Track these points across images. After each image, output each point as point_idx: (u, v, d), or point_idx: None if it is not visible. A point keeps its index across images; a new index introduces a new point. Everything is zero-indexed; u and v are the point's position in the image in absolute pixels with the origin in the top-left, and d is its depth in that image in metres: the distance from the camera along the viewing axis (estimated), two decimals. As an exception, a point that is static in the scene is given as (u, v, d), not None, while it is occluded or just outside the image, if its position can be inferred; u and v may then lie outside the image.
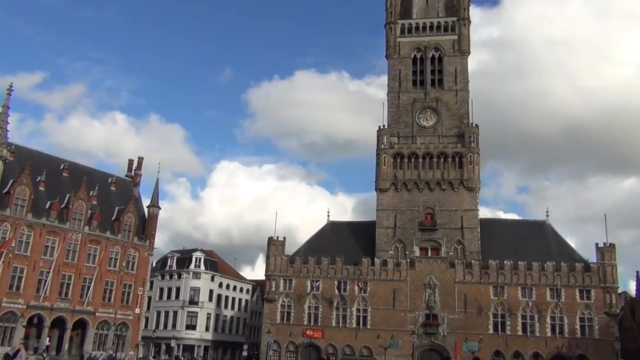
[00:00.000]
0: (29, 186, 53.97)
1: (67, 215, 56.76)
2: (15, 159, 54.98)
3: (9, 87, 53.92)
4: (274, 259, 65.34)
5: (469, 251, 63.31)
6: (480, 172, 66.07)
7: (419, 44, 71.79)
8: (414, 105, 69.59)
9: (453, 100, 69.17)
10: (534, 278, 59.67)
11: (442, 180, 65.84)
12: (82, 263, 57.45)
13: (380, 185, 67.06)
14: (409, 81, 70.93)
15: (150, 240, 64.66)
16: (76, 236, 57.14)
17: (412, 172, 66.73)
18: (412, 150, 67.22)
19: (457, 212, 64.86)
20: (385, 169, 67.05)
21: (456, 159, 66.10)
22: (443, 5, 73.77)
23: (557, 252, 62.87)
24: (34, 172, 55.22)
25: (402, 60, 71.66)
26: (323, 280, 63.48)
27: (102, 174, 65.73)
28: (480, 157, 66.35)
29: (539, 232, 65.79)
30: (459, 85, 69.56)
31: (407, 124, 69.21)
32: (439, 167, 66.23)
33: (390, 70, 71.82)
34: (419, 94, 70.17)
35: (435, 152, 66.47)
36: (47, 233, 54.89)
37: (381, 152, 67.70)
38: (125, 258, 61.66)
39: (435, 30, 71.78)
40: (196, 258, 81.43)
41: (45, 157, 60.55)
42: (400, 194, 66.55)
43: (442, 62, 70.76)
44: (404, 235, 65.35)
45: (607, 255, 59.37)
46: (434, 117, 68.95)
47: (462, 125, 67.72)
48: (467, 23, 71.24)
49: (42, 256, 54.25)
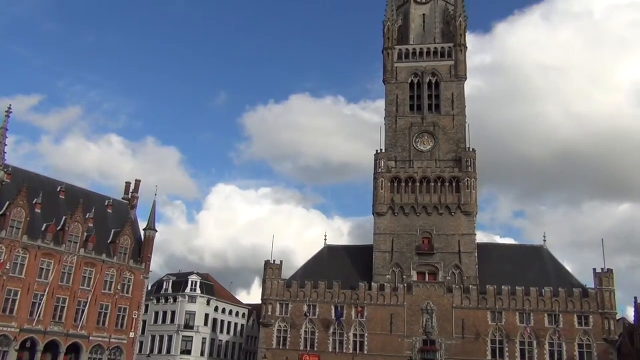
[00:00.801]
0: (25, 208, 53.77)
1: (63, 237, 56.42)
2: (12, 180, 54.83)
3: (7, 109, 54.06)
4: (271, 283, 64.91)
5: (467, 276, 63.04)
6: (477, 196, 66.19)
7: (416, 69, 72.46)
8: (411, 130, 69.94)
9: (450, 125, 69.55)
10: (531, 303, 59.34)
11: (440, 204, 65.86)
12: (77, 286, 56.92)
13: (377, 209, 67.02)
14: (406, 105, 71.40)
15: (146, 263, 64.22)
16: (71, 258, 56.74)
17: (409, 196, 66.77)
18: (409, 174, 67.35)
19: (455, 237, 64.73)
20: (382, 193, 67.06)
21: (453, 183, 66.20)
22: (439, 31, 74.69)
23: (554, 277, 62.63)
24: (30, 194, 55.03)
25: (400, 84, 72.24)
26: (320, 304, 63.02)
27: (99, 196, 65.56)
28: (477, 182, 66.52)
29: (536, 257, 65.63)
30: (455, 109, 70.02)
31: (405, 148, 69.48)
32: (436, 191, 66.28)
33: (388, 94, 72.34)
34: (416, 118, 70.59)
35: (433, 176, 66.60)
36: (42, 255, 54.48)
37: (378, 176, 67.80)
38: (120, 281, 61.12)
39: (432, 56, 72.51)
40: (192, 281, 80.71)
41: (42, 179, 60.41)
42: (397, 217, 66.49)
43: (439, 87, 71.34)
44: (401, 259, 65.11)
45: (604, 281, 59.12)
46: (431, 141, 69.25)
47: (459, 150, 68.01)
48: (463, 49, 72.00)
49: (37, 279, 53.74)
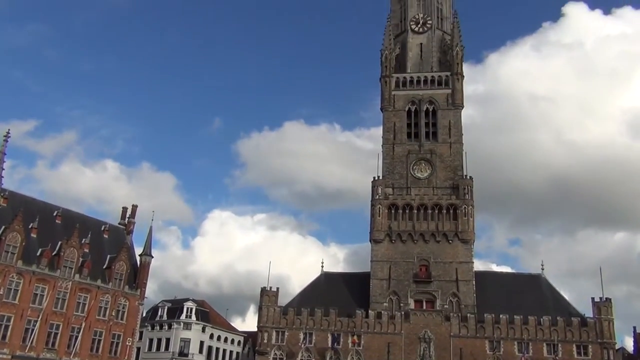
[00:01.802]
0: (20, 233, 53.47)
1: (58, 262, 55.96)
2: (9, 205, 54.69)
3: (6, 134, 54.21)
4: (267, 310, 64.34)
5: (464, 304, 62.60)
6: (475, 224, 66.16)
7: (413, 97, 73.05)
8: (409, 157, 70.21)
9: (447, 153, 69.87)
10: (530, 333, 58.89)
11: (437, 231, 65.77)
12: (71, 312, 56.26)
13: (375, 236, 66.85)
14: (403, 133, 71.79)
15: (141, 289, 63.63)
16: (66, 284, 56.19)
17: (406, 224, 66.69)
18: (406, 202, 67.39)
19: (452, 265, 64.49)
20: (380, 220, 66.97)
21: (450, 211, 66.22)
22: (437, 60, 75.55)
23: (553, 306, 62.25)
24: (26, 218, 54.75)
25: (397, 112, 72.73)
26: (316, 332, 62.39)
27: (96, 221, 65.26)
28: (475, 209, 66.56)
29: (535, 286, 65.32)
30: (452, 137, 70.42)
31: (402, 175, 69.64)
32: (434, 219, 66.26)
33: (385, 122, 72.80)
34: (413, 146, 70.92)
35: (430, 204, 66.65)
36: (37, 281, 53.95)
37: (376, 203, 67.79)
38: (115, 307, 60.45)
39: (429, 84, 73.19)
40: (187, 308, 79.96)
41: (38, 204, 60.14)
42: (394, 245, 66.29)
43: (436, 115, 71.86)
44: (399, 287, 64.70)
45: (603, 310, 58.84)
46: (429, 168, 69.48)
47: (456, 177, 68.21)
48: (460, 78, 72.74)
49: (31, 304, 53.11)
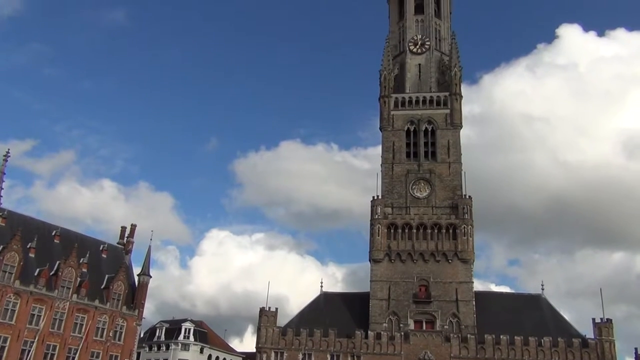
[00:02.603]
0: (18, 252, 53.33)
1: (56, 282, 55.74)
2: (7, 224, 54.71)
3: (5, 153, 54.40)
4: (265, 331, 63.82)
5: (465, 325, 62.15)
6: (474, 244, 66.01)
7: (412, 117, 73.33)
8: (408, 177, 70.27)
9: (446, 172, 69.94)
10: (531, 354, 58.37)
11: (436, 251, 65.55)
12: (68, 333, 55.90)
13: (374, 255, 66.59)
14: (402, 153, 71.96)
15: (139, 309, 63.33)
16: (63, 304, 55.91)
17: (406, 243, 66.50)
18: (406, 221, 67.28)
19: (452, 284, 64.15)
20: (379, 240, 66.79)
21: (450, 231, 66.08)
22: (435, 80, 76.02)
23: (553, 327, 61.80)
24: (25, 238, 54.67)
25: (396, 132, 72.97)
26: (315, 353, 61.75)
27: (94, 241, 65.18)
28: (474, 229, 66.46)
29: (535, 306, 64.93)
30: (451, 157, 70.54)
31: (401, 195, 69.64)
32: (433, 238, 66.08)
33: (384, 141, 72.98)
34: (412, 165, 71.04)
35: (429, 223, 66.54)
36: (34, 301, 53.70)
37: (375, 223, 67.65)
38: (112, 328, 60.10)
39: (428, 104, 73.50)
40: (186, 329, 79.49)
41: (37, 224, 60.10)
42: (394, 265, 66.02)
43: (435, 135, 72.06)
44: (398, 307, 64.27)
45: (604, 331, 58.40)
46: (428, 188, 69.51)
47: (455, 197, 68.18)
48: (459, 98, 73.09)
49: (27, 325, 52.84)
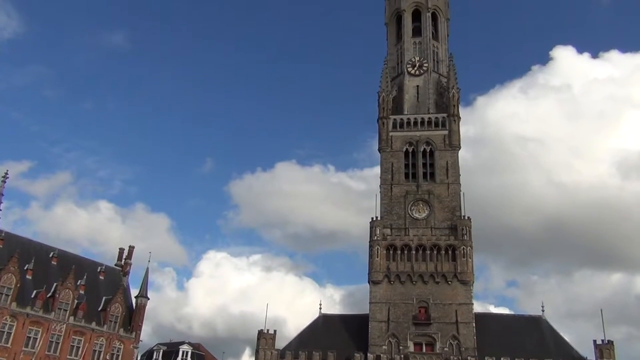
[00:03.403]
0: (15, 274, 53.11)
1: (53, 304, 55.41)
2: (5, 246, 54.57)
3: (4, 175, 54.43)
4: (264, 353, 63.16)
5: (465, 347, 61.54)
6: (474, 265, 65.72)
7: (410, 138, 73.60)
8: (407, 198, 70.25)
9: (445, 193, 69.97)
10: (532, 376, 57.76)
11: (436, 273, 65.24)
12: (65, 356, 55.43)
13: (373, 277, 66.24)
14: (401, 174, 72.06)
15: (136, 332, 62.86)
16: (60, 327, 55.52)
17: (405, 265, 66.24)
18: (405, 242, 67.08)
19: (452, 306, 63.71)
20: (378, 261, 66.51)
21: (449, 252, 65.85)
22: (433, 102, 76.47)
23: (554, 348, 61.19)
24: (22, 260, 54.50)
25: (395, 153, 73.17)
26: (314, 376, 61.11)
27: (92, 263, 64.96)
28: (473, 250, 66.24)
29: (535, 328, 64.42)
30: (450, 178, 70.64)
31: (400, 216, 69.55)
32: (432, 260, 65.83)
33: (383, 163, 73.13)
34: (411, 186, 71.07)
35: (429, 245, 66.35)
36: (31, 323, 53.34)
37: (374, 244, 67.44)
38: (109, 351, 59.59)
39: (426, 126, 73.82)
40: (183, 352, 78.63)
41: (34, 245, 59.97)
42: (393, 286, 65.67)
43: (433, 156, 72.24)
44: (398, 329, 63.74)
45: (605, 353, 57.88)
46: (427, 209, 69.46)
47: (454, 218, 68.10)
48: (457, 119, 73.48)
49: (24, 347, 52.44)
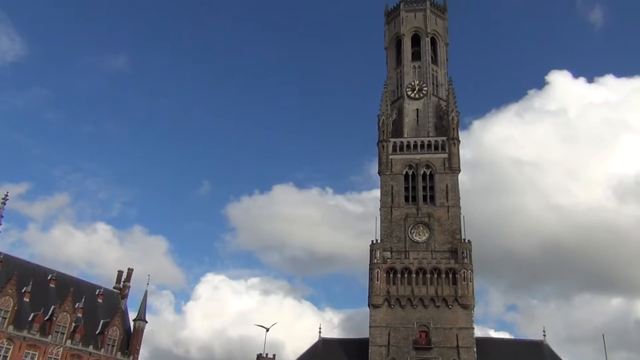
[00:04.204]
0: (13, 297, 52.74)
1: (50, 327, 54.91)
2: (3, 268, 54.28)
3: (4, 197, 54.49)
4: (263, 378, 62.53)
5: (466, 372, 60.91)
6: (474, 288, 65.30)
7: (410, 161, 73.76)
8: (407, 221, 70.11)
9: (445, 216, 69.86)
10: (534, 402, 57.03)
11: (436, 296, 64.77)
12: (61, 380, 54.74)
13: (373, 300, 65.74)
14: (401, 197, 72.02)
15: (134, 355, 62.18)
16: (57, 350, 54.98)
17: (405, 288, 65.77)
18: (405, 266, 66.72)
19: (452, 330, 63.11)
20: (378, 284, 66.08)
21: (450, 275, 65.48)
22: (433, 125, 76.82)
23: (557, 374, 60.59)
24: (20, 282, 54.18)
25: (395, 176, 73.24)
26: (313, 402, 60.38)
27: (90, 286, 64.58)
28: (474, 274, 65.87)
29: (537, 353, 63.67)
30: (450, 201, 70.60)
31: (400, 239, 69.31)
32: (433, 283, 65.41)
33: (383, 185, 73.16)
34: (411, 209, 70.99)
35: (429, 268, 65.99)
36: (27, 347, 52.83)
37: (374, 267, 67.08)
38: (106, 375, 58.87)
39: (426, 149, 74.05)
40: (181, 376, 77.84)
41: (33, 267, 59.70)
42: (393, 310, 65.13)
43: (433, 179, 72.33)
44: (398, 354, 63.00)
45: (608, 379, 57.25)
46: (427, 232, 69.26)
47: (454, 241, 67.86)
48: (457, 142, 73.75)
49: (19, 371, 51.80)
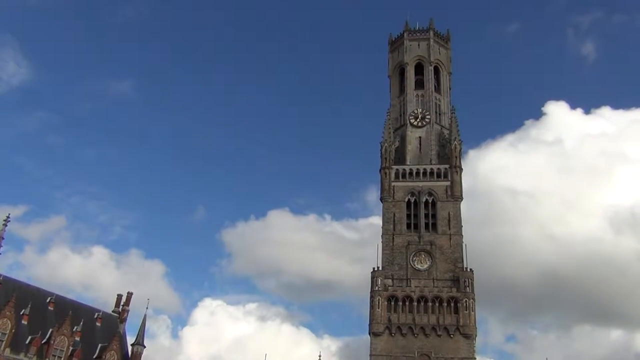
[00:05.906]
0: (11, 319, 52.32)
1: (47, 351, 54.32)
2: (2, 290, 53.97)
3: (5, 219, 54.61)
4: (261, 407, 61.60)
5: (468, 403, 59.98)
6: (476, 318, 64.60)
7: (412, 188, 73.72)
8: (408, 248, 69.79)
9: (447, 244, 69.56)
10: None
11: (438, 325, 64.10)
12: (56, 405, 53.96)
13: (374, 328, 65.06)
14: (403, 224, 71.82)
15: (131, 381, 61.39)
16: (53, 375, 54.26)
17: (406, 316, 65.14)
18: (406, 293, 66.20)
19: (454, 360, 62.37)
20: (379, 312, 65.46)
21: (452, 304, 64.91)
22: (435, 153, 77.02)
23: (560, 407, 59.61)
24: (18, 304, 53.79)
25: (397, 203, 73.16)
26: None
27: (89, 309, 64.13)
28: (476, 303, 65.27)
29: (540, 385, 62.89)
30: (452, 229, 70.36)
31: (402, 267, 68.90)
32: (434, 312, 64.79)
33: (385, 212, 73.02)
34: (413, 236, 70.71)
35: (430, 296, 65.45)
36: (24, 370, 52.15)
37: (375, 295, 66.53)
38: (102, 401, 58.05)
39: (428, 176, 74.09)
40: (178, 403, 76.70)
41: (32, 290, 59.32)
42: (394, 338, 64.41)
43: (435, 207, 72.21)
44: (399, 384, 62.22)
45: (613, 412, 56.27)
46: (429, 260, 68.91)
47: (456, 270, 67.44)
48: (459, 170, 73.78)
49: (14, 396, 51.08)
